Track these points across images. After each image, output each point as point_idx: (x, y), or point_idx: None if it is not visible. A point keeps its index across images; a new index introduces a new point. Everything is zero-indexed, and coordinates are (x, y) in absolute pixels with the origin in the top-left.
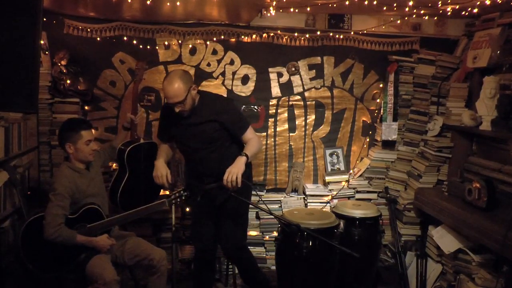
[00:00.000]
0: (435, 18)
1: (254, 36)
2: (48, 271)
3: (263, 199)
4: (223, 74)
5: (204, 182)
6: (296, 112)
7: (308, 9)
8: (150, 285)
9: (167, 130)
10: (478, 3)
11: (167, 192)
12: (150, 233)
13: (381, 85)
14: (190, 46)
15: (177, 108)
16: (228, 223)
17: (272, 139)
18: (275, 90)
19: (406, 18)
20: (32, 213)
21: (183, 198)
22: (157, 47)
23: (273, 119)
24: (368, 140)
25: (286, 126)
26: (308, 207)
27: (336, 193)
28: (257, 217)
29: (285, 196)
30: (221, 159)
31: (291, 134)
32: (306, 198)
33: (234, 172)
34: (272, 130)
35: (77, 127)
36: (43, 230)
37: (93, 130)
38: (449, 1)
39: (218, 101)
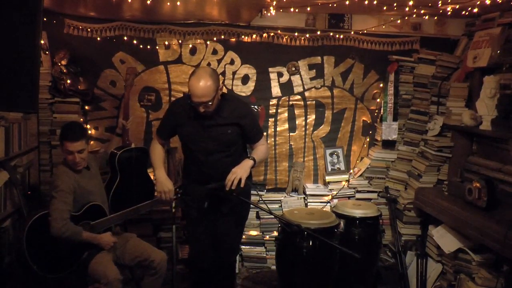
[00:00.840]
0: (435, 17)
1: (254, 36)
2: (52, 272)
3: (263, 198)
4: (223, 74)
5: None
6: (296, 112)
7: (308, 9)
8: (145, 283)
9: (172, 129)
10: (478, 2)
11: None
12: (150, 233)
13: (381, 85)
14: (190, 46)
15: (202, 108)
16: (228, 232)
17: (272, 139)
18: (275, 90)
19: (406, 18)
20: (34, 213)
21: (179, 196)
22: (157, 47)
23: (273, 119)
24: (368, 139)
25: (286, 126)
26: (308, 206)
27: (336, 193)
28: (257, 217)
29: (285, 196)
30: (234, 165)
31: (291, 134)
32: (306, 197)
33: (239, 174)
34: (272, 130)
35: (62, 135)
36: (49, 227)
37: (79, 143)
38: (449, 0)
39: (240, 104)
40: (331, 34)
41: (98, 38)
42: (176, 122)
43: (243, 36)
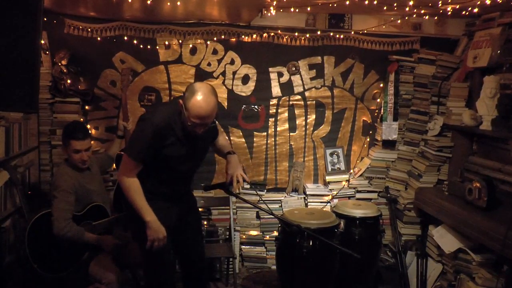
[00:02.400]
0: (436, 17)
1: (254, 36)
2: (53, 271)
3: (263, 198)
4: (223, 74)
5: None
6: (297, 111)
7: (309, 8)
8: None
9: (156, 151)
10: (479, 2)
11: None
12: None
13: (381, 85)
14: (191, 45)
15: (201, 128)
16: (198, 238)
17: (273, 139)
18: (276, 90)
19: (406, 18)
20: (36, 212)
21: None
22: (157, 47)
23: (273, 119)
24: (368, 139)
25: (286, 125)
26: (309, 206)
27: (337, 193)
28: (258, 217)
29: (285, 196)
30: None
31: (291, 133)
32: (306, 197)
33: (239, 171)
34: (273, 129)
35: (69, 134)
36: (51, 227)
37: (87, 141)
38: (449, 0)
39: None
40: (331, 34)
41: (98, 38)
42: (162, 145)
43: (243, 36)
